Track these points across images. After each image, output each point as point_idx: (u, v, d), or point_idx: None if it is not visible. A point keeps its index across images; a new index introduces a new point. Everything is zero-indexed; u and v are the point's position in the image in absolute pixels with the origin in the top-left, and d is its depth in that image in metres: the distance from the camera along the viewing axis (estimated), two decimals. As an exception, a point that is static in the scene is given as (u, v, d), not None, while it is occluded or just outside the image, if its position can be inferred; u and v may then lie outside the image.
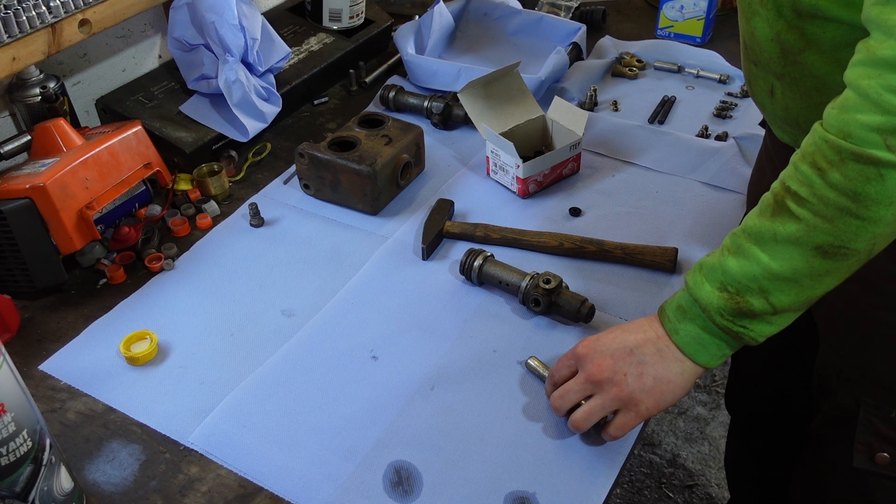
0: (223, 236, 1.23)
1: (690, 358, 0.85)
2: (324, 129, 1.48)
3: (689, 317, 0.84)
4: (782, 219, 0.77)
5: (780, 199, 0.77)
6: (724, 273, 0.80)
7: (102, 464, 0.91)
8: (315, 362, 1.02)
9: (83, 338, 1.07)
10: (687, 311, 0.84)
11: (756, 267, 0.78)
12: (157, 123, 1.33)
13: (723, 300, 0.81)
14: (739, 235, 0.81)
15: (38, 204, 1.05)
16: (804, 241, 0.76)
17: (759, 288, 0.79)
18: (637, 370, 0.85)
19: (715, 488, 2.00)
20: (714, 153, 1.34)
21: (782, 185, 0.78)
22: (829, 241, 0.75)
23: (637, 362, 0.86)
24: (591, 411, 0.87)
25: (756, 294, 0.79)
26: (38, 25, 1.16)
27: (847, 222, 0.73)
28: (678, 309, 0.85)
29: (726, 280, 0.80)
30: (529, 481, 0.87)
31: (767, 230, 0.78)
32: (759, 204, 0.81)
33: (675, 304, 0.86)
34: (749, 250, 0.79)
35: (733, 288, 0.80)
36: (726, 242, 0.82)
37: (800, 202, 0.75)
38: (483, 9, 1.72)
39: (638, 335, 0.87)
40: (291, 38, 1.55)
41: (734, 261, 0.80)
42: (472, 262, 1.10)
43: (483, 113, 1.32)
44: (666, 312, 0.87)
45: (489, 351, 1.03)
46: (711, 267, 0.82)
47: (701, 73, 1.58)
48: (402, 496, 0.86)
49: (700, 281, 0.83)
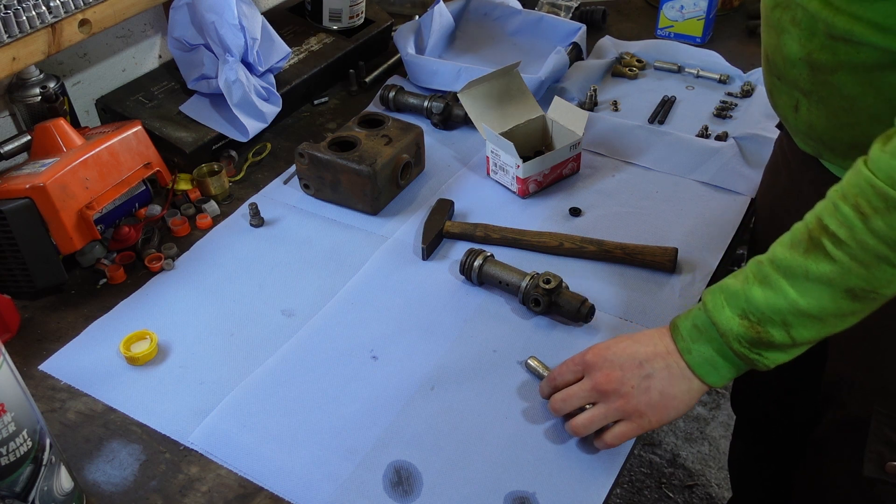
0: (223, 236, 1.23)
1: (700, 378, 0.84)
2: (324, 129, 1.48)
3: (704, 338, 0.83)
4: (816, 257, 0.75)
5: (816, 237, 0.75)
6: (748, 301, 0.79)
7: (102, 464, 0.91)
8: (315, 362, 1.02)
9: (83, 338, 1.07)
10: (703, 333, 0.83)
11: (783, 301, 0.77)
12: (157, 123, 1.33)
13: (743, 328, 0.80)
14: (767, 266, 0.79)
15: (38, 204, 1.05)
16: (837, 282, 0.75)
17: (783, 321, 0.78)
18: (644, 384, 0.85)
19: (715, 488, 2.00)
20: (714, 153, 1.34)
21: (818, 222, 0.76)
22: (862, 286, 0.74)
23: (645, 375, 0.85)
24: (594, 419, 0.87)
25: (778, 326, 0.78)
26: (38, 25, 1.16)
27: (883, 270, 0.72)
28: (693, 329, 0.84)
29: (749, 308, 0.79)
30: (529, 481, 0.87)
31: (799, 266, 0.76)
32: (790, 235, 0.79)
33: (691, 323, 0.84)
34: (777, 283, 0.78)
35: (755, 317, 0.79)
36: (751, 270, 0.81)
37: (837, 243, 0.74)
38: (483, 9, 1.72)
39: (648, 348, 0.86)
40: (291, 38, 1.55)
41: (760, 291, 0.79)
42: (472, 262, 1.10)
43: (483, 113, 1.32)
44: (679, 330, 0.85)
45: (489, 351, 1.03)
46: (734, 293, 0.81)
47: (701, 73, 1.58)
48: (402, 496, 0.86)
49: (720, 305, 0.81)
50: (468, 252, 1.11)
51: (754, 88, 1.52)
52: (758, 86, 1.53)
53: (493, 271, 1.10)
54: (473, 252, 1.11)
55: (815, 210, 0.77)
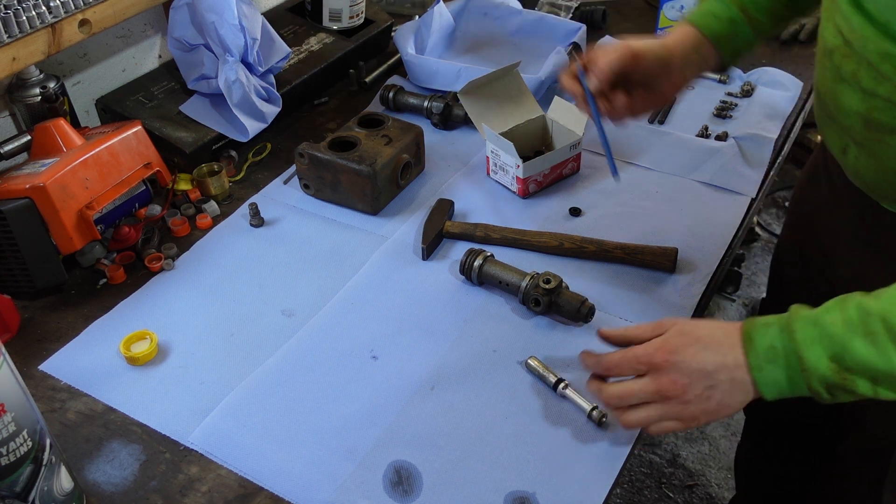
0: (223, 236, 1.23)
1: (762, 393, 0.81)
2: (324, 129, 1.48)
3: (781, 364, 0.79)
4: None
5: None
6: (845, 349, 0.76)
7: (102, 464, 0.91)
8: (315, 362, 1.02)
9: (83, 338, 1.07)
10: (781, 358, 0.79)
11: (884, 363, 0.74)
12: (157, 123, 1.33)
13: (830, 371, 0.76)
14: (877, 322, 0.75)
15: (38, 204, 1.05)
16: None
17: (874, 377, 0.75)
18: (707, 393, 0.82)
19: (715, 488, 2.00)
20: (714, 153, 1.34)
21: None
22: None
23: (709, 386, 0.82)
24: (649, 419, 0.85)
25: (867, 381, 0.76)
26: (38, 25, 1.16)
27: None
28: (771, 349, 0.79)
29: (845, 356, 0.76)
30: (529, 481, 0.87)
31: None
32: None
33: (769, 343, 0.80)
34: (883, 344, 0.74)
35: (846, 365, 0.76)
36: (855, 317, 0.76)
37: None
38: (483, 9, 1.72)
39: (717, 357, 0.82)
40: (291, 38, 1.55)
41: (862, 344, 0.75)
42: (472, 262, 1.10)
43: (483, 113, 1.32)
44: (755, 345, 0.80)
45: (489, 351, 1.03)
46: (831, 335, 0.76)
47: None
48: (402, 496, 0.86)
49: (812, 340, 0.77)
50: (468, 252, 1.11)
51: (754, 88, 1.52)
52: (758, 86, 1.53)
53: (493, 271, 1.10)
54: (473, 252, 1.11)
55: None
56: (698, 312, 1.08)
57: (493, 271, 1.10)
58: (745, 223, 1.23)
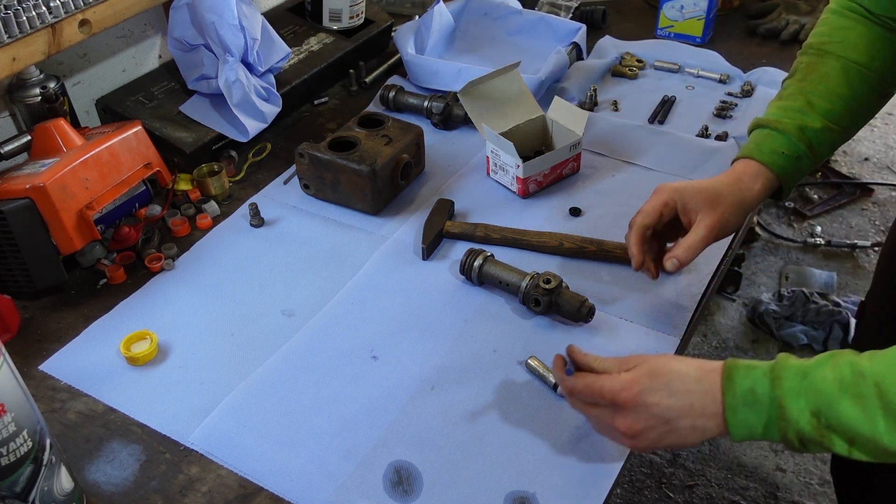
0: (223, 236, 1.23)
1: (729, 433, 0.79)
2: (324, 129, 1.48)
3: (758, 409, 0.77)
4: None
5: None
6: (831, 408, 0.74)
7: (103, 464, 0.91)
8: (315, 362, 1.02)
9: (83, 338, 1.07)
10: (760, 404, 0.77)
11: (867, 427, 0.73)
12: (158, 123, 1.33)
13: (810, 426, 0.75)
14: (869, 386, 0.73)
15: (38, 204, 1.05)
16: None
17: (852, 439, 0.74)
18: (660, 437, 0.81)
19: (715, 488, 2.00)
20: (714, 153, 1.34)
21: None
22: None
23: (666, 431, 0.81)
24: (599, 431, 0.87)
25: (845, 441, 0.74)
26: (38, 25, 1.16)
27: None
28: (750, 392, 0.77)
29: (828, 414, 0.74)
30: (529, 481, 0.87)
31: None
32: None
33: (750, 386, 0.78)
34: (872, 410, 0.72)
35: (827, 422, 0.74)
36: (847, 376, 0.74)
37: None
38: (483, 9, 1.72)
39: (684, 402, 0.80)
40: (291, 38, 1.55)
41: (849, 405, 0.73)
42: (472, 262, 1.10)
43: (483, 113, 1.32)
44: (734, 385, 0.78)
45: (489, 351, 1.03)
46: (819, 391, 0.75)
47: (701, 73, 1.58)
48: (403, 496, 0.86)
49: (797, 392, 0.75)
50: (468, 252, 1.11)
51: (754, 88, 1.52)
52: (758, 86, 1.53)
53: (493, 271, 1.10)
54: (473, 252, 1.11)
55: None
56: (698, 312, 1.09)
57: (493, 271, 1.10)
58: (745, 223, 1.23)
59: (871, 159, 3.10)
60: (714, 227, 0.99)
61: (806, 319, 2.34)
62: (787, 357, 0.79)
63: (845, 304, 2.40)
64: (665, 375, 0.81)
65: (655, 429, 0.81)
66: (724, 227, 1.01)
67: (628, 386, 0.81)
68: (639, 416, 0.81)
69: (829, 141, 1.03)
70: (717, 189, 1.01)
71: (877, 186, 2.94)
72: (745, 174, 1.03)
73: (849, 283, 2.56)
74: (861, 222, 2.81)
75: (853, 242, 2.65)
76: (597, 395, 0.83)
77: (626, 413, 0.82)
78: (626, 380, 0.82)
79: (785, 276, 2.56)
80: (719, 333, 2.37)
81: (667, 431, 0.81)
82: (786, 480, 2.02)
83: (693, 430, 0.80)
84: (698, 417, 0.80)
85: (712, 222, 0.99)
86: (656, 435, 0.81)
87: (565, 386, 0.87)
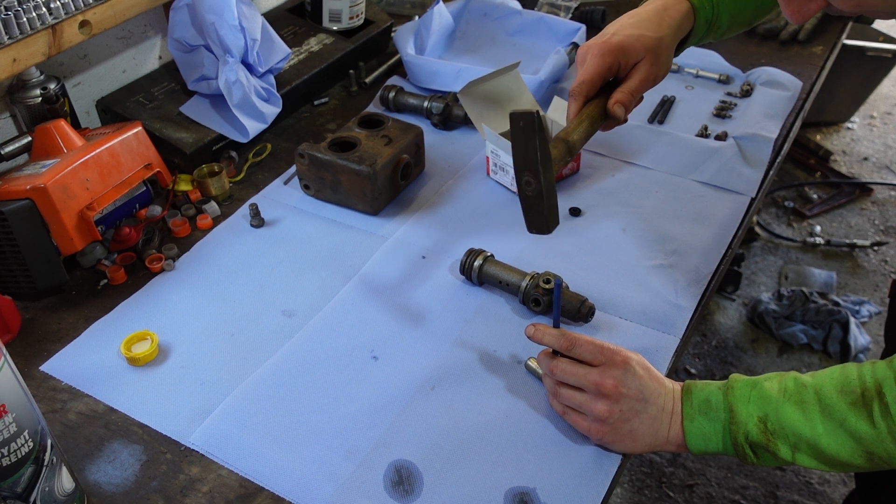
0: (223, 237, 1.23)
1: (687, 444, 0.87)
2: (324, 130, 1.48)
3: (713, 417, 0.86)
4: (859, 414, 0.79)
5: (868, 398, 0.79)
6: (776, 413, 0.82)
7: (104, 464, 0.91)
8: (315, 362, 1.02)
9: (84, 338, 1.07)
10: (713, 411, 0.86)
11: (808, 430, 0.81)
12: (158, 124, 1.33)
13: (757, 430, 0.83)
14: (810, 393, 0.82)
15: (38, 205, 1.05)
16: (865, 443, 0.79)
17: (795, 444, 0.82)
18: (630, 415, 0.87)
19: (715, 487, 2.01)
20: (714, 153, 1.34)
21: (877, 387, 0.79)
22: (883, 456, 0.78)
23: (637, 410, 0.87)
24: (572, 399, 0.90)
25: (789, 446, 0.82)
26: (38, 27, 1.16)
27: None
28: (706, 402, 0.87)
29: (773, 418, 0.83)
30: (530, 479, 0.87)
31: (839, 412, 0.80)
32: (843, 378, 0.82)
33: (705, 397, 0.87)
34: (811, 413, 0.81)
35: (773, 427, 0.82)
36: (791, 386, 0.84)
37: (884, 414, 0.78)
38: (483, 9, 1.73)
39: (655, 394, 0.88)
40: (291, 39, 1.55)
41: (791, 410, 0.82)
42: (473, 262, 1.11)
43: (483, 113, 1.32)
44: (692, 397, 0.88)
45: (489, 351, 1.03)
46: (766, 397, 0.84)
47: (700, 73, 1.58)
48: (403, 495, 0.86)
49: (748, 398, 0.84)
50: (468, 252, 1.12)
51: (754, 88, 1.52)
52: (757, 85, 1.53)
53: (494, 271, 1.10)
54: (473, 252, 1.12)
55: (877, 372, 0.80)
56: (698, 312, 1.09)
57: (493, 271, 1.10)
58: (745, 223, 1.24)
59: (871, 159, 3.11)
60: (651, 73, 1.01)
61: (805, 319, 2.34)
62: (740, 375, 0.88)
63: (845, 303, 2.40)
64: (649, 369, 0.90)
65: (632, 400, 0.87)
66: (659, 75, 1.03)
67: (616, 379, 0.88)
68: (624, 381, 0.87)
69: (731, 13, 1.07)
70: (660, 38, 1.01)
71: (876, 186, 2.94)
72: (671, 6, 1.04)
73: (848, 282, 2.56)
74: (860, 222, 2.81)
75: (852, 242, 2.65)
76: (582, 381, 0.89)
77: (605, 399, 0.87)
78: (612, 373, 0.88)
79: (784, 275, 2.56)
80: (719, 333, 2.37)
81: (637, 411, 0.87)
82: (786, 479, 2.03)
83: (654, 423, 0.87)
84: (662, 412, 0.87)
85: (651, 69, 1.00)
86: (629, 407, 0.87)
87: (552, 367, 0.92)
